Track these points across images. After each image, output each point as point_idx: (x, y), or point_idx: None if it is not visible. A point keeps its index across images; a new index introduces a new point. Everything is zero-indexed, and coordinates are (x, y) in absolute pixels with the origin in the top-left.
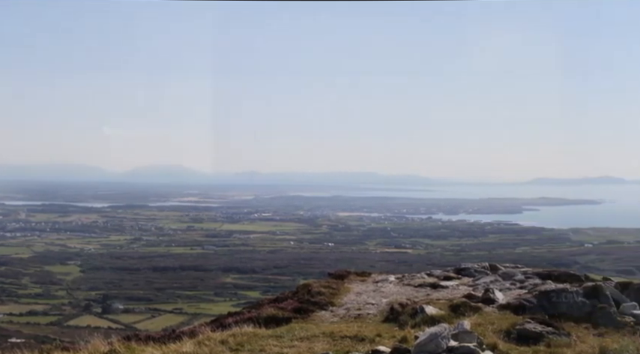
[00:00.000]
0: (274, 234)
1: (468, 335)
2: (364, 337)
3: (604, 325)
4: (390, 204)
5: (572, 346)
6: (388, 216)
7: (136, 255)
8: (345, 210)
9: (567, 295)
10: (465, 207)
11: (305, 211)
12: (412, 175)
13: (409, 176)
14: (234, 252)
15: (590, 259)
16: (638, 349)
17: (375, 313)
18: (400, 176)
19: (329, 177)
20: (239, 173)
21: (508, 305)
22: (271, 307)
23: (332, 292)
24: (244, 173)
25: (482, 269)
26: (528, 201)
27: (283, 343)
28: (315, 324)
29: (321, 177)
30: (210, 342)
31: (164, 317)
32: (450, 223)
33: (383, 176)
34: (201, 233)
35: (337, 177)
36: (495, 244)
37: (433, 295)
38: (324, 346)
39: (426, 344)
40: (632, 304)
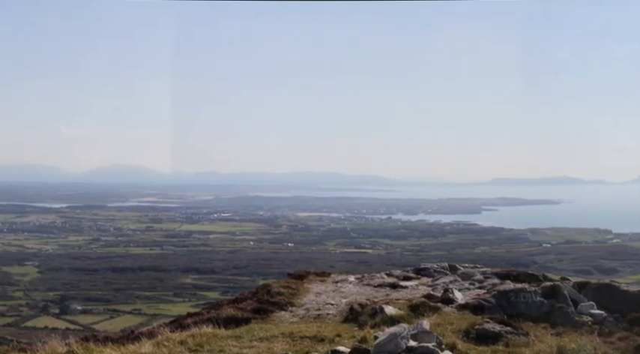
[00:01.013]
0: (234, 234)
1: (427, 335)
2: (324, 337)
3: (562, 325)
4: (350, 204)
5: (531, 345)
6: (348, 216)
7: (94, 255)
8: (305, 210)
9: (526, 294)
10: (425, 207)
11: (265, 212)
12: (372, 176)
13: (369, 176)
14: (194, 252)
15: (549, 259)
16: (596, 349)
17: (334, 313)
18: (360, 176)
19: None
20: (199, 173)
21: (467, 305)
22: (231, 308)
23: (291, 293)
24: (204, 173)
25: (442, 269)
26: (487, 201)
27: (243, 343)
28: (275, 324)
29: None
30: (169, 343)
31: (123, 318)
32: (410, 224)
33: (343, 176)
34: (160, 234)
35: (298, 177)
36: (455, 244)
37: (393, 295)
38: (284, 346)
39: (386, 344)
40: (590, 304)
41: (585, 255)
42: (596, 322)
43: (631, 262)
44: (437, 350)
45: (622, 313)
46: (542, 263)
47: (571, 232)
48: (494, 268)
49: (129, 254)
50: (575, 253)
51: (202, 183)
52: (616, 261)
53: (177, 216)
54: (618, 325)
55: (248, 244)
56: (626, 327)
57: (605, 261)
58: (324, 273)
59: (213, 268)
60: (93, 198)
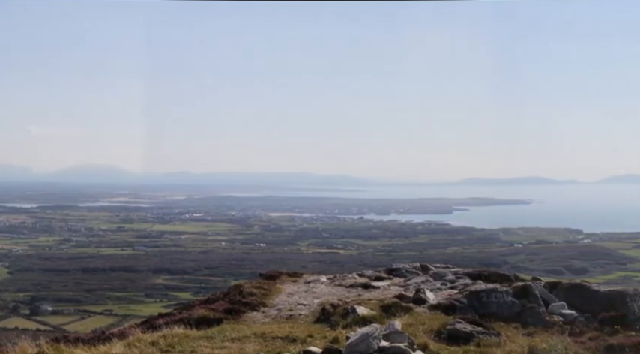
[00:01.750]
0: (206, 234)
1: (399, 335)
2: (296, 337)
3: (533, 325)
4: (322, 204)
5: (502, 345)
6: (320, 216)
7: (65, 256)
8: (277, 210)
9: (497, 294)
10: (397, 207)
11: (237, 212)
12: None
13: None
14: (165, 253)
15: (520, 259)
16: (567, 348)
17: (306, 313)
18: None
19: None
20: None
21: (439, 305)
22: (202, 308)
23: (263, 293)
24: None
25: (414, 269)
26: (459, 201)
27: (214, 344)
28: (247, 325)
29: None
30: (141, 343)
31: (94, 319)
32: (382, 224)
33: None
34: (131, 234)
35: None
36: (426, 245)
37: (365, 295)
38: (256, 346)
39: (358, 344)
40: (561, 304)
41: (556, 255)
42: (567, 322)
43: (602, 262)
44: (409, 350)
45: (593, 312)
46: (514, 263)
47: (542, 232)
48: (465, 268)
49: (100, 255)
50: (547, 253)
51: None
52: (587, 261)
53: (149, 216)
54: (589, 325)
55: (220, 244)
56: (596, 327)
57: (576, 261)
58: (296, 273)
59: (185, 269)
60: (64, 198)
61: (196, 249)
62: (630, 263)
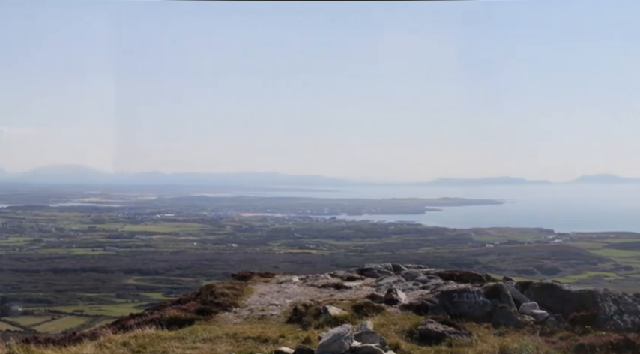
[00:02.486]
0: (177, 235)
1: (371, 335)
2: (267, 337)
3: (504, 325)
4: (294, 204)
5: (474, 345)
6: (292, 216)
7: (35, 256)
8: (249, 210)
9: (469, 294)
10: (369, 207)
11: (208, 212)
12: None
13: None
14: (137, 253)
15: (492, 259)
16: (538, 348)
17: (278, 313)
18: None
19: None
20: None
21: (411, 305)
22: (174, 309)
23: (235, 293)
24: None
25: (386, 269)
26: (431, 201)
27: (186, 344)
28: (219, 325)
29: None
30: (112, 344)
31: (64, 319)
32: (354, 224)
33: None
34: (102, 234)
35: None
36: (398, 245)
37: (337, 295)
38: (227, 347)
39: (330, 345)
40: (532, 304)
41: (527, 255)
42: (538, 322)
43: (572, 261)
44: (380, 350)
45: (564, 312)
46: (485, 263)
47: (514, 232)
48: (437, 269)
49: (71, 255)
50: (518, 253)
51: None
52: (558, 261)
53: (120, 216)
54: (560, 325)
55: (191, 244)
56: (567, 326)
57: (547, 261)
58: (268, 273)
59: (157, 269)
60: (34, 198)
61: (168, 249)
62: (601, 263)
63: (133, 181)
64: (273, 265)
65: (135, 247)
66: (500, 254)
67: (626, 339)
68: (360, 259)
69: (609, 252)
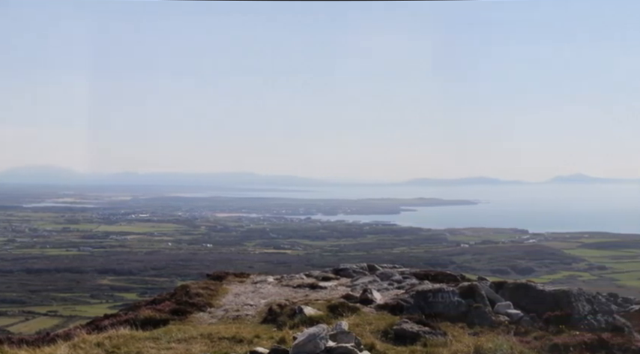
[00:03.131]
0: (152, 235)
1: (346, 336)
2: (242, 338)
3: (479, 325)
4: (269, 204)
5: (448, 345)
6: (267, 217)
7: (9, 257)
8: (224, 211)
9: (444, 294)
10: (344, 207)
11: (183, 212)
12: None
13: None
14: (111, 253)
15: (466, 259)
16: (512, 348)
17: (253, 314)
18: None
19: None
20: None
21: (386, 305)
22: (148, 309)
23: (210, 294)
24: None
25: (361, 270)
26: (406, 201)
27: (160, 345)
28: (193, 325)
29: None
30: (86, 345)
31: (38, 320)
32: (329, 224)
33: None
34: (77, 234)
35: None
36: (374, 245)
37: (312, 295)
38: (202, 347)
39: (305, 345)
40: (507, 304)
41: (502, 255)
42: (513, 322)
43: (547, 261)
44: (355, 350)
45: (538, 312)
46: (460, 263)
47: (488, 232)
48: (412, 269)
49: (45, 255)
50: (493, 253)
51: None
52: (532, 261)
53: (95, 217)
54: (534, 325)
55: (166, 245)
56: (541, 326)
57: (522, 261)
58: (243, 274)
59: (131, 270)
60: (8, 198)
61: (142, 250)
62: (575, 263)
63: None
64: (248, 266)
65: (109, 247)
66: (474, 254)
67: (600, 339)
68: (335, 260)
69: (583, 252)
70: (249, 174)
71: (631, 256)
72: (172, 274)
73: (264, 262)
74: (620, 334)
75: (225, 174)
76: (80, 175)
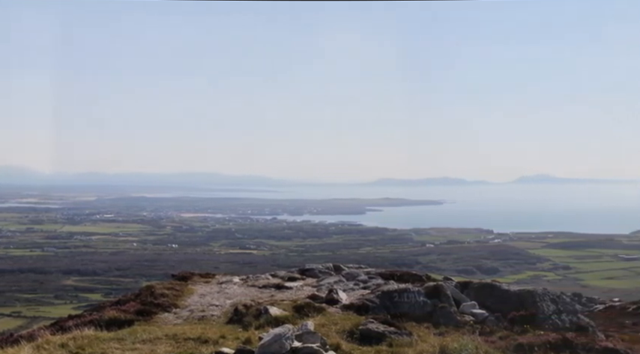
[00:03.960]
0: (117, 235)
1: (312, 336)
2: (208, 338)
3: (445, 324)
4: (235, 205)
5: (414, 345)
6: (233, 217)
7: None
8: (190, 211)
9: (409, 295)
10: (310, 208)
11: (148, 213)
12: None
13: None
14: (76, 254)
15: (432, 259)
16: (477, 348)
17: (219, 314)
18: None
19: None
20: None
21: (351, 305)
22: (113, 310)
23: (175, 294)
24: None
25: (327, 270)
26: (371, 202)
27: (125, 345)
28: (159, 326)
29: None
30: (50, 346)
31: (1, 321)
32: (295, 224)
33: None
34: (41, 235)
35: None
36: (339, 245)
37: (277, 296)
38: (167, 348)
39: (270, 345)
40: (472, 304)
41: (467, 255)
42: (478, 322)
43: (512, 261)
44: (321, 351)
45: (503, 312)
46: (426, 263)
47: (454, 232)
48: (378, 269)
49: (8, 256)
50: (458, 253)
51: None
52: (497, 261)
53: (59, 217)
54: (499, 324)
55: (131, 245)
56: (506, 326)
57: (487, 261)
58: (209, 274)
59: (96, 270)
60: None
61: (107, 250)
62: (540, 263)
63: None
64: (214, 266)
65: (74, 247)
66: (440, 254)
67: (564, 338)
68: (301, 260)
69: (548, 252)
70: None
71: (595, 256)
72: (137, 275)
73: (230, 263)
74: (584, 333)
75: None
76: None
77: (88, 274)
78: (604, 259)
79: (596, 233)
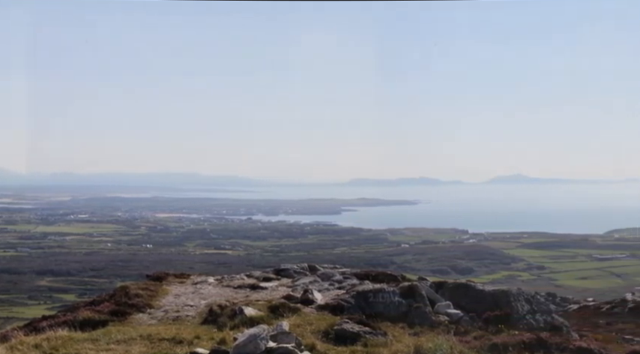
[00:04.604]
0: (91, 236)
1: (287, 336)
2: (182, 339)
3: (419, 324)
4: (210, 205)
5: (389, 345)
6: (208, 217)
7: None
8: (165, 211)
9: (384, 295)
10: (285, 208)
11: (123, 213)
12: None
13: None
14: (50, 254)
15: (407, 260)
16: (452, 348)
17: (193, 315)
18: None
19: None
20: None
21: (326, 306)
22: (87, 310)
23: (150, 295)
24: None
25: (302, 270)
26: (347, 202)
27: (99, 346)
28: (133, 327)
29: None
30: (24, 346)
31: None
32: (270, 224)
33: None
34: (14, 235)
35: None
36: (315, 245)
37: (252, 296)
38: (142, 348)
39: (245, 345)
40: (447, 304)
41: (442, 255)
42: (453, 322)
43: (487, 261)
44: (296, 351)
45: (478, 312)
46: (401, 263)
47: (429, 232)
48: (353, 269)
49: None
50: (433, 253)
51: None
52: (472, 261)
53: (33, 217)
54: (474, 324)
55: (106, 245)
56: (481, 326)
57: (462, 261)
58: (184, 274)
59: (70, 270)
60: None
61: (81, 250)
62: (514, 263)
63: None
64: (189, 266)
65: (48, 248)
66: (415, 254)
67: (539, 338)
68: (276, 260)
69: (522, 252)
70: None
71: (569, 255)
72: (112, 275)
73: (205, 263)
74: (558, 333)
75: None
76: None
77: (62, 274)
78: (578, 259)
79: (570, 233)
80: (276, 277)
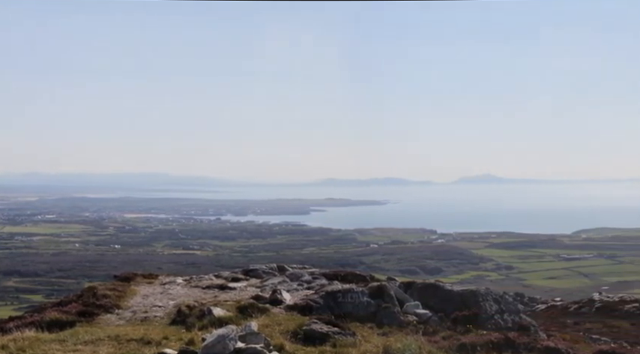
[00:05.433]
0: (59, 236)
1: (256, 336)
2: (151, 339)
3: (388, 325)
4: (179, 205)
5: (358, 345)
6: (176, 217)
7: None
8: (133, 211)
9: (353, 295)
10: (254, 208)
11: (91, 213)
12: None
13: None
14: (16, 255)
15: (376, 260)
16: (421, 348)
17: (162, 315)
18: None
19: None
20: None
21: (295, 306)
22: (55, 311)
23: (118, 295)
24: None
25: (271, 270)
26: (316, 202)
27: (67, 347)
28: (101, 327)
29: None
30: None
31: None
32: (239, 225)
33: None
34: None
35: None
36: (283, 245)
37: (221, 296)
38: (110, 349)
39: (213, 346)
40: (415, 304)
41: (411, 255)
42: (422, 322)
43: (455, 261)
44: (264, 351)
45: (446, 312)
46: (370, 263)
47: (397, 232)
48: (322, 269)
49: None
50: (402, 253)
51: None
52: (441, 261)
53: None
54: (442, 324)
55: (73, 246)
56: (450, 326)
57: (431, 261)
58: (152, 275)
59: (37, 271)
60: None
61: (49, 251)
62: (483, 263)
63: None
64: (157, 267)
65: (14, 248)
66: (384, 254)
67: (507, 338)
68: (244, 260)
69: (491, 252)
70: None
71: (537, 255)
72: (79, 276)
73: (173, 263)
74: (526, 333)
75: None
76: None
77: (30, 275)
78: (546, 259)
79: (538, 233)
80: (244, 277)
